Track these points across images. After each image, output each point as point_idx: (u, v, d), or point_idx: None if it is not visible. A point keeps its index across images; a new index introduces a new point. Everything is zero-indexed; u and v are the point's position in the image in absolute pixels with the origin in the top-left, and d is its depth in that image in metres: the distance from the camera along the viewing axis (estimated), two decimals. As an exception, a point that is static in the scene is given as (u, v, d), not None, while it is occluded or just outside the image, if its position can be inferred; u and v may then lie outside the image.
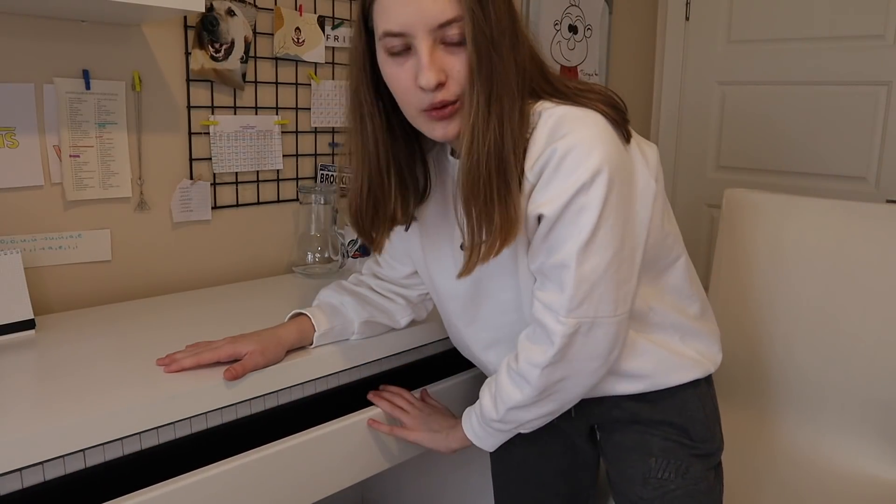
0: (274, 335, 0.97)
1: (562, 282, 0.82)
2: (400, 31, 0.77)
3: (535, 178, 0.81)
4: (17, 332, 1.04)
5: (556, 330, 0.83)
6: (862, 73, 2.04)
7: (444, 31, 0.76)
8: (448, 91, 0.79)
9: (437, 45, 0.77)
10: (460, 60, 0.78)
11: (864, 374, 1.34)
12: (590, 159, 0.78)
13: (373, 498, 1.74)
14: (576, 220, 0.80)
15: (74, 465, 0.81)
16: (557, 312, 0.83)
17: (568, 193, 0.79)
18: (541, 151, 0.80)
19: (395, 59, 0.80)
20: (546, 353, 0.85)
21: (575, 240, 0.80)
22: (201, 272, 1.43)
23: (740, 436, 1.41)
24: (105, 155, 1.25)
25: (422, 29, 0.76)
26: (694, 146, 2.42)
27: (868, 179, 2.08)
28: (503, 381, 0.91)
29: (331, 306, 1.05)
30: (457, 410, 1.23)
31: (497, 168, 0.79)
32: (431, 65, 0.77)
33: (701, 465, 0.97)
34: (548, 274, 0.84)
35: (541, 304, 0.85)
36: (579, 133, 0.79)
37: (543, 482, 1.12)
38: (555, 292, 0.83)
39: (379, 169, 0.88)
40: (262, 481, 0.94)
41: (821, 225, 1.42)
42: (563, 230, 0.81)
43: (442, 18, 0.76)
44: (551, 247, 0.82)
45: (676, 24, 2.41)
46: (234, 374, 0.90)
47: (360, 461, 1.07)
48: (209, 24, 1.35)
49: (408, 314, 1.11)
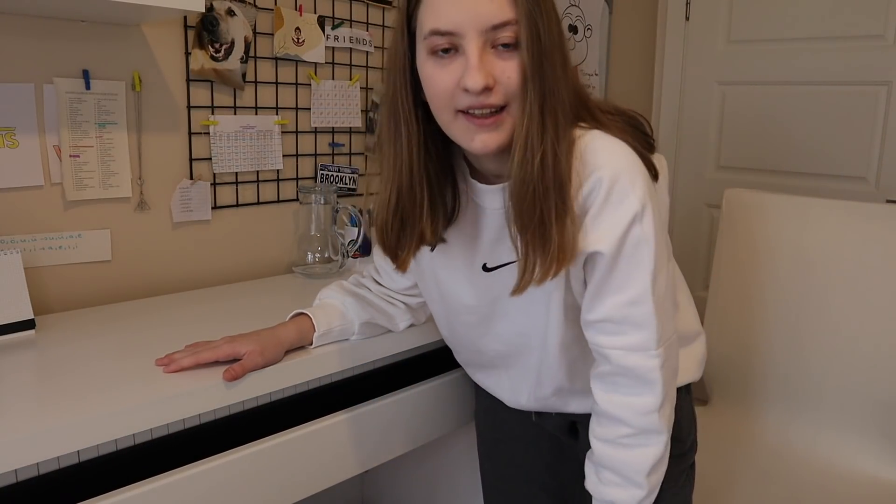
0: (273, 335, 0.97)
1: (642, 320, 0.80)
2: (449, 30, 0.74)
3: (580, 209, 0.79)
4: (17, 332, 1.04)
5: (653, 365, 0.81)
6: (862, 73, 2.04)
7: (497, 34, 0.73)
8: (495, 95, 0.75)
9: (486, 48, 0.74)
10: (511, 66, 0.74)
11: (864, 374, 1.34)
12: (636, 189, 0.77)
13: (372, 494, 1.74)
14: (635, 254, 0.79)
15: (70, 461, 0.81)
16: (648, 350, 0.81)
17: (621, 227, 0.77)
18: (581, 178, 0.78)
19: (437, 60, 0.76)
20: (656, 396, 0.82)
21: (643, 276, 0.79)
22: (201, 272, 1.43)
23: (740, 435, 1.42)
24: (105, 155, 1.25)
25: (473, 29, 0.73)
26: (694, 146, 2.42)
27: (868, 179, 2.08)
28: (622, 456, 0.85)
29: (332, 306, 1.05)
30: (450, 408, 1.24)
31: (554, 183, 0.75)
32: (480, 66, 0.73)
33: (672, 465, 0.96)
34: (618, 319, 0.81)
35: (623, 351, 0.82)
36: (618, 162, 0.77)
37: (530, 476, 1.13)
38: (637, 332, 0.81)
39: (411, 181, 0.82)
40: (258, 475, 0.95)
41: (821, 225, 1.42)
42: (626, 267, 0.79)
43: (496, 20, 0.73)
44: (617, 287, 0.80)
45: (676, 24, 2.41)
46: (234, 375, 0.90)
47: (357, 455, 1.08)
48: (209, 24, 1.35)
49: (407, 319, 1.10)
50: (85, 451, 0.81)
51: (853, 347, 1.35)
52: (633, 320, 0.81)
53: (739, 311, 1.50)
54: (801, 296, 1.42)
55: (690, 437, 1.03)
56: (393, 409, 1.13)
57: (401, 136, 0.81)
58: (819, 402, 1.39)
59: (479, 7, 0.72)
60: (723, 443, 1.40)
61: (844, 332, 1.36)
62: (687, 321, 1.01)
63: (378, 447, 1.11)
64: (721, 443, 1.40)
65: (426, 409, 1.19)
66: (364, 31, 1.62)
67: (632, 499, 0.85)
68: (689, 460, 1.02)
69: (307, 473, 1.02)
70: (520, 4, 0.73)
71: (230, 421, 0.94)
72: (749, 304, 1.48)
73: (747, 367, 1.48)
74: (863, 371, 1.34)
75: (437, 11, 0.74)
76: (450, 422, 1.24)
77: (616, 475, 0.86)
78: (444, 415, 1.23)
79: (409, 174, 0.82)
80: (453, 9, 0.73)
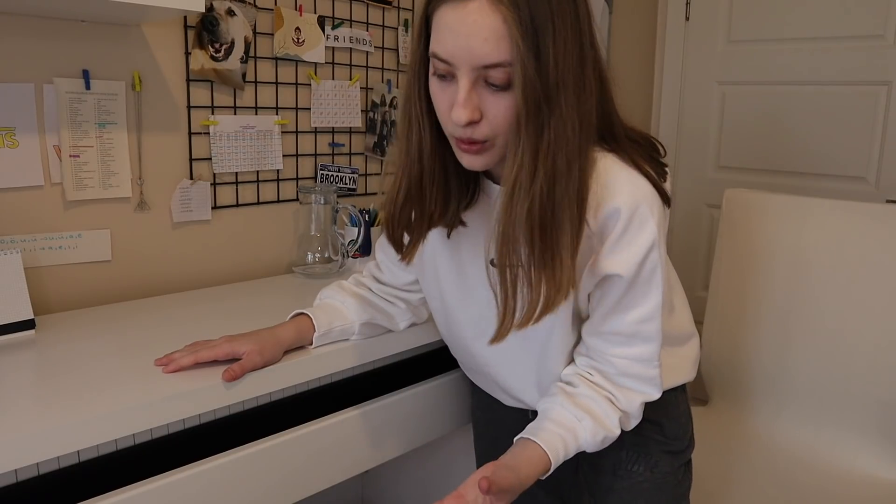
0: (272, 335, 0.97)
1: (650, 335, 0.86)
2: (445, 59, 0.73)
3: (599, 231, 0.80)
4: (17, 332, 1.04)
5: (655, 374, 0.87)
6: (862, 73, 2.04)
7: (488, 72, 0.72)
8: (478, 131, 0.75)
9: (478, 82, 0.73)
10: (499, 104, 0.73)
11: (864, 373, 1.34)
12: (654, 217, 0.80)
13: (372, 494, 1.74)
14: (651, 278, 0.82)
15: (69, 461, 0.81)
16: (652, 360, 0.87)
17: (641, 254, 0.81)
18: (599, 200, 0.79)
19: (439, 80, 0.76)
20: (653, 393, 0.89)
21: (656, 297, 0.83)
22: (201, 272, 1.43)
23: (739, 435, 1.42)
24: (105, 155, 1.25)
25: (466, 64, 0.72)
26: (694, 146, 2.42)
27: (868, 179, 2.08)
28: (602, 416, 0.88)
29: (332, 307, 1.05)
30: (450, 409, 1.24)
31: (542, 227, 0.75)
32: (467, 102, 0.73)
33: (670, 461, 1.00)
34: (629, 333, 0.86)
35: (629, 361, 0.87)
36: (638, 192, 0.79)
37: None
38: (643, 346, 0.86)
39: (420, 178, 0.84)
40: (258, 475, 0.95)
41: (821, 225, 1.42)
42: (642, 289, 0.83)
43: (487, 61, 0.71)
44: (632, 305, 0.84)
45: (676, 24, 2.41)
46: (234, 375, 0.90)
47: (357, 455, 1.08)
48: (209, 24, 1.35)
49: (408, 318, 1.11)
50: (85, 451, 0.82)
51: (853, 347, 1.35)
52: (643, 335, 0.86)
53: (739, 311, 1.50)
54: (800, 296, 1.42)
55: (687, 434, 1.04)
56: (393, 409, 1.13)
57: (412, 134, 0.83)
58: (819, 402, 1.39)
59: (473, 44, 0.70)
60: (722, 442, 1.40)
61: (844, 331, 1.36)
62: (681, 323, 1.02)
63: (378, 447, 1.11)
64: (721, 442, 1.40)
65: (426, 410, 1.19)
66: (364, 31, 1.62)
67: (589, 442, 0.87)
68: (686, 457, 1.03)
69: (307, 473, 1.02)
70: (516, 46, 0.69)
71: (230, 421, 0.94)
72: (749, 303, 1.48)
73: (747, 367, 1.48)
74: (862, 371, 1.34)
75: (440, 35, 0.73)
76: (449, 422, 1.24)
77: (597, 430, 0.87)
78: (444, 415, 1.23)
79: (419, 170, 0.84)
80: (451, 39, 0.72)
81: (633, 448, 0.99)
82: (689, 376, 1.03)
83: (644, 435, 0.98)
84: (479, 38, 0.70)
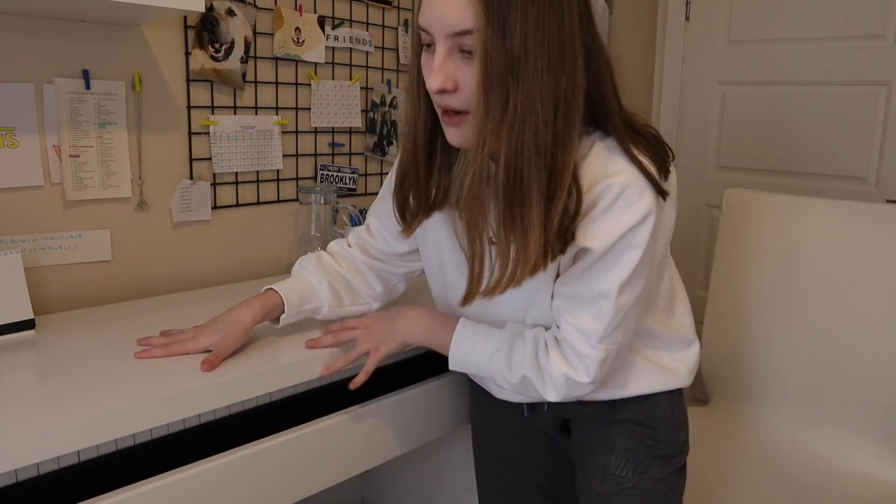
0: (235, 321, 0.98)
1: (600, 311, 0.84)
2: (424, 28, 0.78)
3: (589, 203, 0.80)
4: (17, 332, 1.04)
5: (591, 355, 0.86)
6: (862, 73, 2.04)
7: (461, 40, 0.75)
8: (455, 99, 0.78)
9: (454, 51, 0.77)
10: (469, 72, 0.77)
11: (864, 373, 1.34)
12: (642, 201, 0.79)
13: (372, 494, 1.74)
14: (621, 257, 0.81)
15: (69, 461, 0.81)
16: (591, 339, 0.86)
17: (618, 232, 0.80)
18: (593, 181, 0.80)
19: (425, 52, 0.80)
20: (579, 376, 0.87)
21: (618, 274, 0.82)
22: (201, 272, 1.43)
23: (740, 435, 1.42)
24: (105, 155, 1.25)
25: (440, 32, 0.76)
26: (694, 146, 2.42)
27: (868, 179, 2.08)
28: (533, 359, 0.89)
29: (308, 285, 1.06)
30: (450, 409, 1.24)
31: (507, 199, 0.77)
32: (440, 69, 0.76)
33: (661, 467, 0.98)
34: (584, 300, 0.85)
35: (572, 328, 0.87)
36: (632, 173, 0.79)
37: (524, 475, 1.13)
38: (590, 319, 0.85)
39: (415, 151, 0.88)
40: (258, 475, 0.95)
41: (821, 225, 1.42)
42: (608, 264, 0.82)
43: (457, 27, 0.75)
44: (593, 276, 0.83)
45: (676, 24, 2.41)
46: (212, 365, 0.92)
47: (357, 455, 1.08)
48: (209, 24, 1.35)
49: (382, 300, 1.12)
50: (85, 451, 0.82)
51: (853, 347, 1.35)
52: (592, 307, 0.85)
53: (739, 310, 1.50)
54: (800, 296, 1.42)
55: (681, 438, 1.03)
56: (392, 409, 1.13)
57: (411, 107, 0.87)
58: (819, 402, 1.39)
59: (445, 11, 0.75)
60: (723, 443, 1.40)
61: (844, 331, 1.36)
62: (682, 326, 1.02)
63: (378, 447, 1.11)
64: (721, 443, 1.40)
65: (426, 410, 1.19)
66: (364, 31, 1.62)
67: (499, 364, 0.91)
68: (681, 462, 1.03)
69: (307, 473, 1.02)
70: (480, 14, 0.72)
71: (230, 421, 0.94)
72: (749, 303, 1.48)
73: (746, 367, 1.48)
74: (863, 371, 1.34)
75: (423, 8, 0.78)
76: (449, 422, 1.24)
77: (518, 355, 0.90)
78: (444, 415, 1.23)
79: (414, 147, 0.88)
80: (428, 8, 0.77)
81: (622, 453, 0.98)
82: (685, 381, 1.02)
83: (635, 439, 0.98)
84: (450, 5, 0.74)
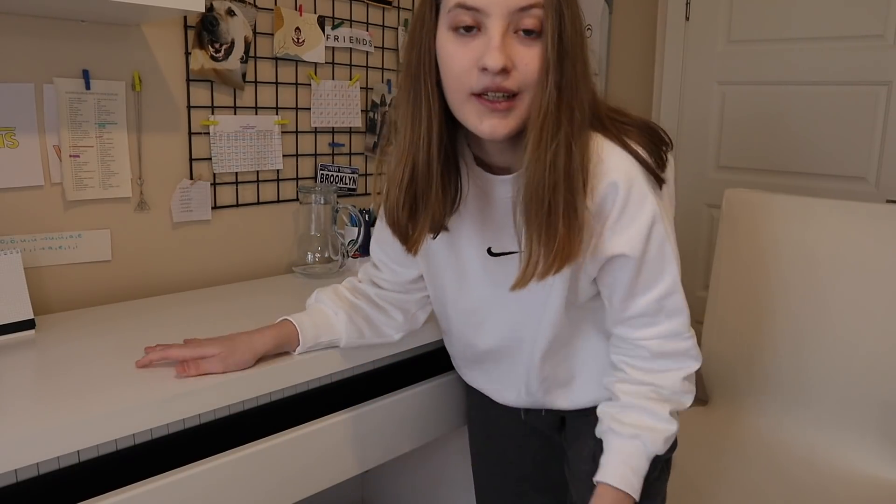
0: (248, 343, 0.94)
1: (674, 309, 0.85)
2: (475, 6, 0.73)
3: (597, 210, 0.80)
4: (17, 332, 1.04)
5: (690, 345, 0.87)
6: (862, 73, 2.04)
7: (522, 17, 0.73)
8: (512, 80, 0.74)
9: (509, 31, 0.74)
10: (532, 53, 0.74)
11: (865, 373, 1.34)
12: (649, 194, 0.80)
13: (372, 494, 1.74)
14: (661, 253, 0.82)
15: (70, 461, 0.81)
16: (682, 333, 0.87)
17: (644, 230, 0.80)
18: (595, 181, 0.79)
19: (458, 37, 0.75)
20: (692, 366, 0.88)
21: (671, 270, 0.83)
22: (201, 272, 1.43)
23: (740, 435, 1.42)
24: (105, 155, 1.25)
25: (500, 8, 0.73)
26: (694, 146, 2.42)
27: (868, 179, 2.08)
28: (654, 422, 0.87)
29: (324, 316, 1.01)
30: (449, 409, 1.24)
31: (565, 178, 0.76)
32: (502, 47, 0.73)
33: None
34: (653, 312, 0.85)
35: (661, 339, 0.86)
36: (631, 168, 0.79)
37: (521, 474, 1.13)
38: (670, 321, 0.86)
39: (428, 157, 0.81)
40: (258, 475, 0.95)
41: (821, 225, 1.42)
42: (655, 265, 0.83)
43: (524, 2, 0.72)
44: (649, 284, 0.84)
45: (676, 24, 2.41)
46: (186, 372, 0.89)
47: (357, 455, 1.08)
48: (209, 24, 1.35)
49: (403, 330, 1.06)
50: (85, 451, 0.82)
51: (853, 347, 1.35)
52: (668, 311, 0.85)
53: (739, 311, 1.50)
54: (801, 295, 1.42)
55: None
56: (392, 409, 1.13)
57: (420, 110, 0.80)
58: (819, 402, 1.39)
59: None
60: (723, 443, 1.40)
61: (845, 331, 1.36)
62: None
63: (377, 447, 1.11)
64: (721, 443, 1.40)
65: (425, 410, 1.19)
66: (364, 31, 1.62)
67: (655, 447, 0.87)
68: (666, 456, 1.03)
69: (307, 473, 1.02)
70: None
71: (230, 421, 0.94)
72: (749, 304, 1.48)
73: (747, 367, 1.48)
74: (863, 371, 1.34)
75: None
76: (449, 422, 1.24)
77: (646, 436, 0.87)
78: (443, 415, 1.23)
79: (427, 150, 0.81)
80: None
81: None
82: None
83: None
84: None
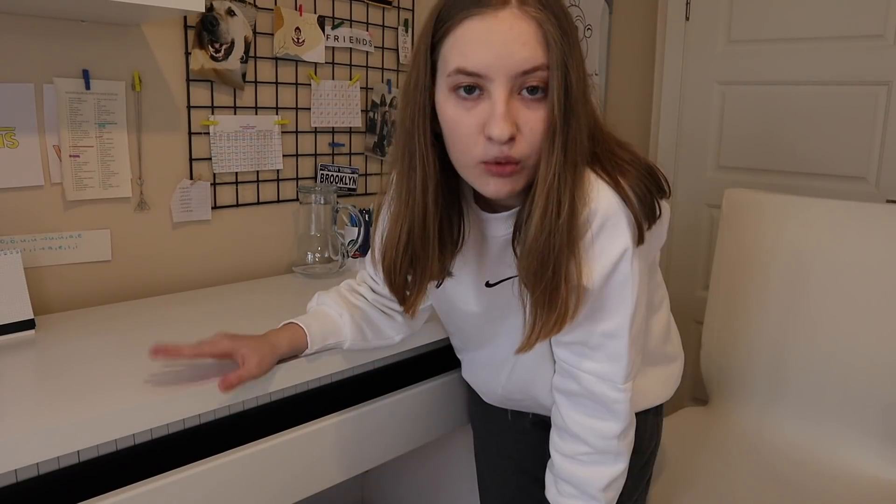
0: (272, 348, 0.92)
1: (616, 352, 0.82)
2: (476, 72, 0.70)
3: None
4: (17, 332, 1.04)
5: (619, 398, 0.83)
6: (862, 73, 2.04)
7: (525, 79, 0.70)
8: (516, 148, 0.72)
9: (513, 94, 0.71)
10: (536, 116, 0.72)
11: (864, 373, 1.34)
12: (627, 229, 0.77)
13: (372, 494, 1.74)
14: (620, 291, 0.79)
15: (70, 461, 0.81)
16: (615, 381, 0.83)
17: (609, 264, 0.78)
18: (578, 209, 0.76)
19: (460, 101, 0.73)
20: (618, 424, 0.84)
21: (624, 312, 0.80)
22: (201, 272, 1.43)
23: (739, 435, 1.42)
24: (105, 155, 1.25)
25: (503, 73, 0.70)
26: (694, 146, 2.42)
27: (868, 179, 2.07)
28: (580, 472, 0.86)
29: (329, 319, 1.01)
30: (450, 409, 1.24)
31: (568, 243, 0.74)
32: (507, 115, 0.70)
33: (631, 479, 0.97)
34: (593, 344, 0.83)
35: (592, 377, 0.84)
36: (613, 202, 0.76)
37: (523, 468, 1.13)
38: (608, 362, 0.83)
39: (424, 220, 0.79)
40: (258, 475, 0.95)
41: (821, 225, 1.42)
42: (609, 302, 0.80)
43: (527, 65, 0.69)
44: (598, 317, 0.81)
45: (676, 24, 2.41)
46: (230, 386, 0.85)
47: (357, 455, 1.08)
48: (209, 24, 1.35)
49: (404, 331, 1.07)
50: (85, 451, 0.82)
51: (853, 347, 1.35)
52: (608, 351, 0.82)
53: (739, 311, 1.50)
54: (800, 296, 1.42)
55: (649, 449, 1.04)
56: (393, 409, 1.13)
57: (415, 172, 0.78)
58: (819, 402, 1.39)
59: (512, 50, 0.69)
60: (722, 442, 1.40)
61: (844, 331, 1.36)
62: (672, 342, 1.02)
63: (378, 447, 1.11)
64: (720, 442, 1.40)
65: (426, 410, 1.19)
66: (364, 31, 1.62)
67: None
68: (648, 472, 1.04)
69: (307, 473, 1.02)
70: (552, 50, 0.70)
71: (230, 421, 0.94)
72: (749, 303, 1.48)
73: (746, 368, 1.48)
74: (863, 371, 1.34)
75: (465, 50, 0.71)
76: (449, 422, 1.24)
77: (574, 488, 0.88)
78: (444, 415, 1.23)
79: (423, 213, 0.79)
80: (483, 49, 0.70)
81: None
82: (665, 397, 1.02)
83: None
84: (517, 43, 0.69)
